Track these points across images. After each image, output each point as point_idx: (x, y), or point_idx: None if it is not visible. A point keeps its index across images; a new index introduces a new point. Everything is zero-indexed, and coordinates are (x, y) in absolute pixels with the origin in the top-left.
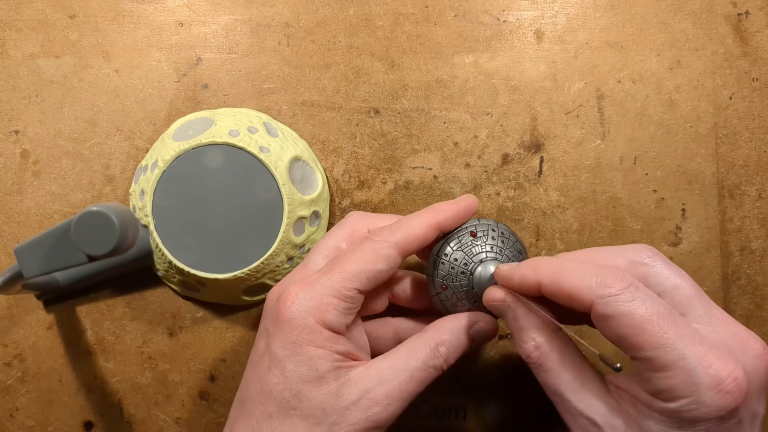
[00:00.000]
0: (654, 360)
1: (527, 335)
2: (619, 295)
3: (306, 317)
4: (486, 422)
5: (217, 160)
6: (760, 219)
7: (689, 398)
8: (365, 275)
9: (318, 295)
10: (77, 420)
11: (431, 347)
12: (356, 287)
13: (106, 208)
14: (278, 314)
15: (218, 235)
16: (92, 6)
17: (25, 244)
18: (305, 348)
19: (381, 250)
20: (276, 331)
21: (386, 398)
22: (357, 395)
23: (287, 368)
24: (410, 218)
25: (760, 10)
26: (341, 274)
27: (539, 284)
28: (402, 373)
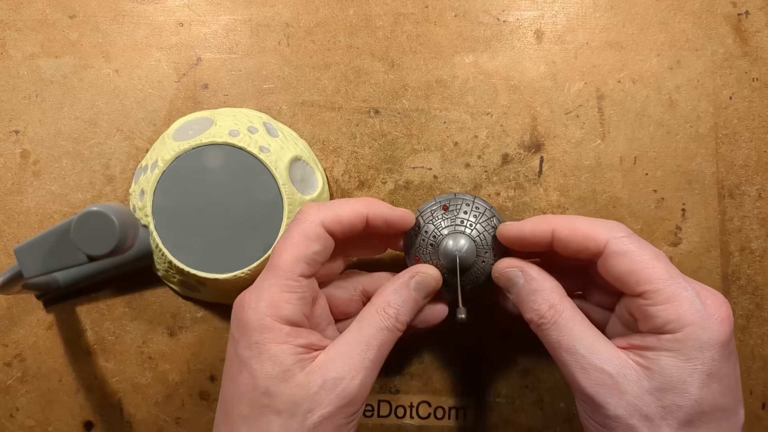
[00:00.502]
0: (661, 291)
1: (540, 296)
2: (628, 237)
3: (262, 318)
4: (486, 422)
5: (217, 160)
6: (760, 219)
7: (695, 325)
8: (303, 261)
9: (268, 294)
10: (77, 420)
11: (379, 312)
12: (299, 274)
13: (106, 208)
14: (239, 320)
15: (218, 235)
16: (92, 6)
17: (25, 244)
18: (267, 346)
19: (309, 231)
20: (240, 335)
21: (349, 371)
22: (322, 378)
23: (254, 368)
24: (341, 201)
25: (760, 10)
26: (281, 268)
27: (552, 231)
28: (358, 345)
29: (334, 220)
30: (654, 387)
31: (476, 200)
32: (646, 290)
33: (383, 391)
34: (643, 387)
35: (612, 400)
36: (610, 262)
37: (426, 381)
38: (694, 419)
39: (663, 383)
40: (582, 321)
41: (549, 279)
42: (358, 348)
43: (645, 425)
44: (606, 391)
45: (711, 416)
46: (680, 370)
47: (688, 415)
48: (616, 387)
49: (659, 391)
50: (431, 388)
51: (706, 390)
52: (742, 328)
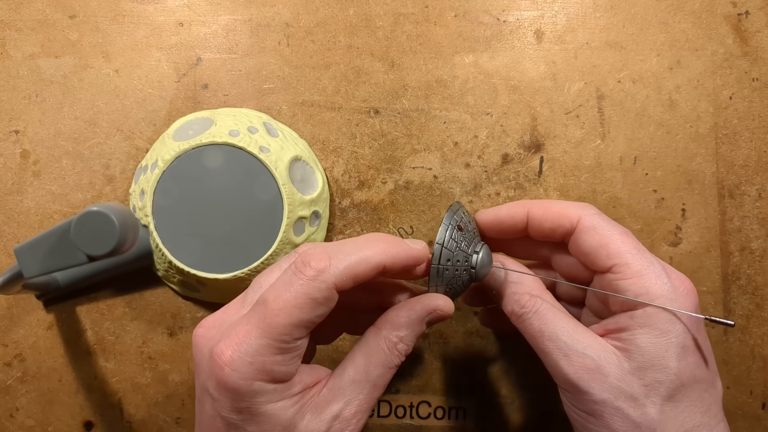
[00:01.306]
0: (630, 265)
1: (521, 288)
2: (599, 215)
3: (252, 383)
4: (486, 422)
5: (217, 160)
6: (760, 219)
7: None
8: (303, 324)
9: (258, 358)
10: (77, 420)
11: (389, 348)
12: (295, 338)
13: (106, 208)
14: (219, 380)
15: (218, 235)
16: (92, 6)
17: (25, 244)
18: (262, 409)
19: (317, 294)
20: (222, 396)
21: (356, 415)
22: (327, 424)
23: (249, 430)
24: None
25: (760, 10)
26: (276, 329)
27: (527, 212)
28: (365, 386)
29: (348, 278)
30: (634, 367)
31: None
32: (616, 263)
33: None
34: (624, 368)
35: (596, 385)
36: (582, 237)
37: (426, 381)
38: (675, 393)
39: (642, 362)
40: (561, 310)
41: (530, 275)
42: (366, 389)
43: (630, 405)
44: (590, 376)
45: (691, 388)
46: (656, 346)
47: (670, 390)
48: (599, 371)
49: (640, 370)
50: (431, 388)
51: (684, 362)
52: (742, 328)
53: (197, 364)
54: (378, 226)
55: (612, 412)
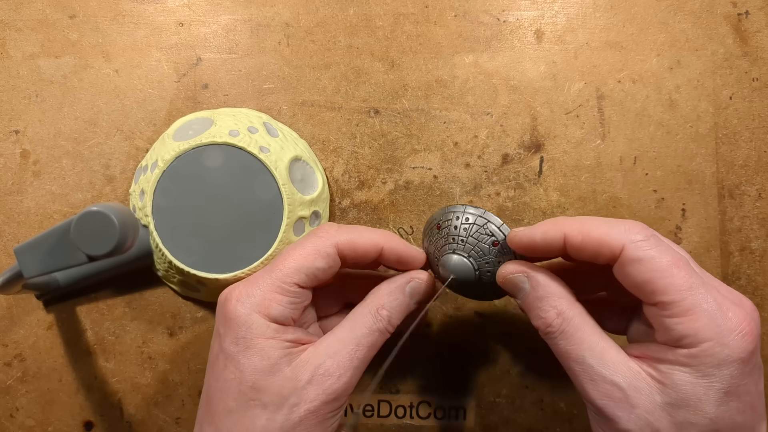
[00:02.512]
0: (679, 303)
1: (548, 303)
2: (647, 240)
3: (250, 313)
4: (486, 422)
5: (217, 160)
6: (760, 219)
7: (713, 341)
8: (304, 272)
9: (260, 292)
10: (77, 420)
11: (372, 312)
12: (296, 282)
13: (106, 208)
14: (225, 314)
15: (218, 235)
16: (92, 6)
17: (25, 244)
18: (254, 341)
19: (322, 248)
20: (225, 330)
21: (338, 369)
22: (310, 373)
23: (240, 362)
24: (360, 228)
25: (760, 10)
26: (281, 270)
27: (564, 236)
28: (349, 343)
29: (348, 244)
30: (667, 402)
31: (466, 210)
32: (663, 301)
33: (383, 391)
34: (655, 401)
35: (622, 414)
36: (625, 270)
37: (426, 381)
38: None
39: (676, 399)
40: (592, 329)
41: (556, 284)
42: (349, 347)
43: None
44: (615, 405)
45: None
46: (695, 386)
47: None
48: (627, 400)
49: (672, 407)
50: (431, 388)
51: (723, 408)
52: None
53: (216, 315)
54: (378, 226)
55: None
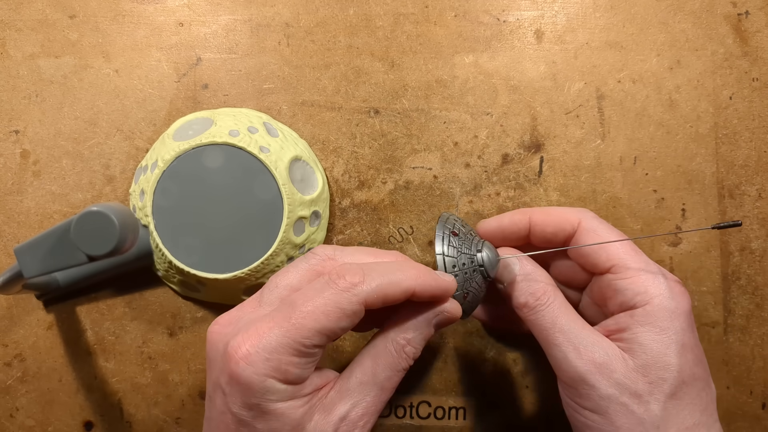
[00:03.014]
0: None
1: (536, 281)
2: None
3: (265, 380)
4: (486, 422)
5: (217, 160)
6: (760, 219)
7: (662, 295)
8: (326, 333)
9: (275, 356)
10: (77, 420)
11: (397, 351)
12: (315, 344)
13: (106, 208)
14: (232, 374)
15: (218, 235)
16: (92, 6)
17: (25, 244)
18: (272, 407)
19: (347, 305)
20: (233, 391)
21: (362, 417)
22: (334, 425)
23: (258, 428)
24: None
25: (760, 10)
26: (299, 331)
27: (529, 219)
28: (372, 388)
29: (379, 298)
30: (638, 365)
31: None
32: (615, 264)
33: None
34: (629, 365)
35: (603, 379)
36: (582, 239)
37: (426, 381)
38: (677, 391)
39: (645, 360)
40: (572, 308)
41: (542, 270)
42: (373, 392)
43: (635, 402)
44: (598, 370)
45: (691, 386)
46: (658, 343)
47: (672, 387)
48: (607, 366)
49: (644, 367)
50: (431, 388)
51: (683, 359)
52: (742, 328)
53: (210, 360)
54: (378, 226)
55: (617, 408)
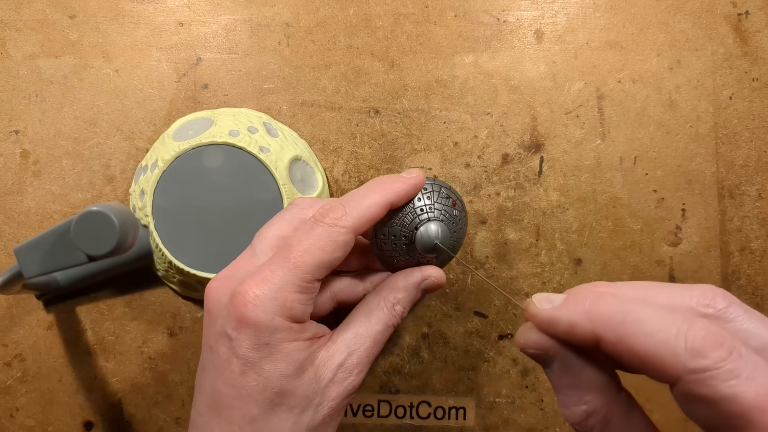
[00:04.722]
0: None
1: (577, 396)
2: (719, 368)
3: (273, 318)
4: (486, 422)
5: (217, 160)
6: (760, 219)
7: None
8: (324, 265)
9: (281, 294)
10: (77, 420)
11: (388, 308)
12: (316, 278)
13: (106, 208)
14: (240, 317)
15: (218, 235)
16: (92, 6)
17: (25, 244)
18: (279, 346)
19: (338, 237)
20: (241, 334)
21: (357, 366)
22: (332, 371)
23: (264, 369)
24: (362, 197)
25: (760, 10)
26: (300, 268)
27: (597, 338)
28: (366, 339)
29: (363, 222)
30: None
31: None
32: None
33: (383, 391)
34: None
35: None
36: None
37: (426, 381)
38: None
39: None
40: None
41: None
42: (367, 342)
43: None
44: None
45: None
46: None
47: None
48: None
49: None
50: (431, 388)
51: None
52: None
53: (211, 314)
54: None
55: None
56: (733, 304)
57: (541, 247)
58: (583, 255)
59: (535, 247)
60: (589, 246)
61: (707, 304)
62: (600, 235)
